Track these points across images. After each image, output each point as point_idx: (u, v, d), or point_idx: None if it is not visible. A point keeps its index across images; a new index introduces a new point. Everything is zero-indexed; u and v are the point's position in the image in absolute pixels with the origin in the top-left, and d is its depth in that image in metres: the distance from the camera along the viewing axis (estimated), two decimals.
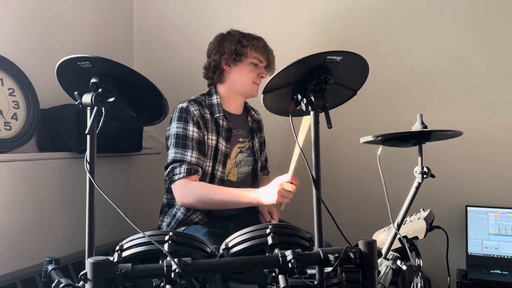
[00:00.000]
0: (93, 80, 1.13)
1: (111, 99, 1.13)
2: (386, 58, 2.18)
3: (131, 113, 1.24)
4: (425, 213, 1.49)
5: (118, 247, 0.96)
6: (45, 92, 1.92)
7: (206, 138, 1.74)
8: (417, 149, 1.31)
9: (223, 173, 1.79)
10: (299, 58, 1.10)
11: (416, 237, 1.43)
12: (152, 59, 2.62)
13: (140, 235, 0.97)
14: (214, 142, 1.76)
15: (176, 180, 1.65)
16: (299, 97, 1.15)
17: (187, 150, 1.67)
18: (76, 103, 1.14)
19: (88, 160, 1.12)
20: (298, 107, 1.17)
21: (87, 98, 1.11)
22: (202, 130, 1.72)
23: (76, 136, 1.87)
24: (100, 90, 1.12)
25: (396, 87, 2.19)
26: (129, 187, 2.36)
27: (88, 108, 1.12)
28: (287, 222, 1.87)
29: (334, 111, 1.20)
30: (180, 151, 1.68)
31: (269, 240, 0.99)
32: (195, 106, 1.73)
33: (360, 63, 1.18)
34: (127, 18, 2.61)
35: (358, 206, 2.20)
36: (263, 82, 1.72)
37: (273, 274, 0.97)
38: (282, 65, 1.11)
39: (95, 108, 1.11)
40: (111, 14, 2.48)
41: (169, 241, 0.95)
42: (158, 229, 1.79)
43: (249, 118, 1.95)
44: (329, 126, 1.13)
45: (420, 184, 1.30)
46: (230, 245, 1.02)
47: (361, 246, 1.00)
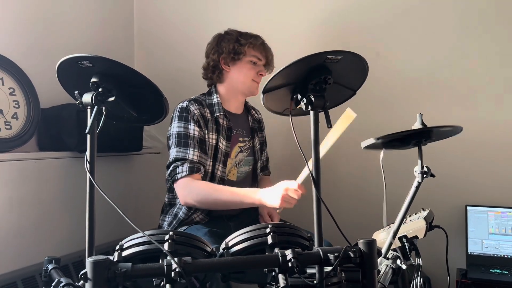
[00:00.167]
0: (94, 80, 1.12)
1: (112, 99, 1.13)
2: (386, 58, 2.18)
3: (132, 113, 1.23)
4: (425, 213, 1.49)
5: (118, 247, 0.96)
6: (46, 92, 1.92)
7: (207, 137, 1.74)
8: (417, 149, 1.31)
9: (224, 173, 1.79)
10: (299, 58, 1.10)
11: (416, 237, 1.43)
12: (152, 59, 2.62)
13: (140, 235, 0.97)
14: (215, 141, 1.76)
15: (179, 179, 1.64)
16: (299, 97, 1.15)
17: (189, 149, 1.67)
18: (77, 103, 1.14)
19: (88, 160, 1.12)
20: (298, 107, 1.18)
21: (87, 98, 1.11)
22: (203, 129, 1.72)
23: (77, 136, 1.88)
24: (101, 90, 1.12)
25: (396, 87, 2.18)
26: (129, 187, 2.37)
27: (88, 108, 1.12)
28: (287, 222, 1.87)
29: (334, 111, 1.20)
30: (182, 150, 1.67)
31: (269, 240, 0.99)
32: (195, 105, 1.73)
33: (360, 63, 1.18)
34: (128, 18, 2.61)
35: (358, 206, 2.20)
36: (263, 82, 1.72)
37: (273, 274, 0.97)
38: (282, 65, 1.11)
39: (95, 108, 1.11)
40: (112, 14, 2.48)
41: (169, 241, 0.95)
42: (159, 228, 1.79)
43: (250, 118, 1.95)
44: (329, 126, 1.13)
45: (420, 184, 1.30)
46: (230, 245, 1.02)
47: (361, 246, 1.00)
